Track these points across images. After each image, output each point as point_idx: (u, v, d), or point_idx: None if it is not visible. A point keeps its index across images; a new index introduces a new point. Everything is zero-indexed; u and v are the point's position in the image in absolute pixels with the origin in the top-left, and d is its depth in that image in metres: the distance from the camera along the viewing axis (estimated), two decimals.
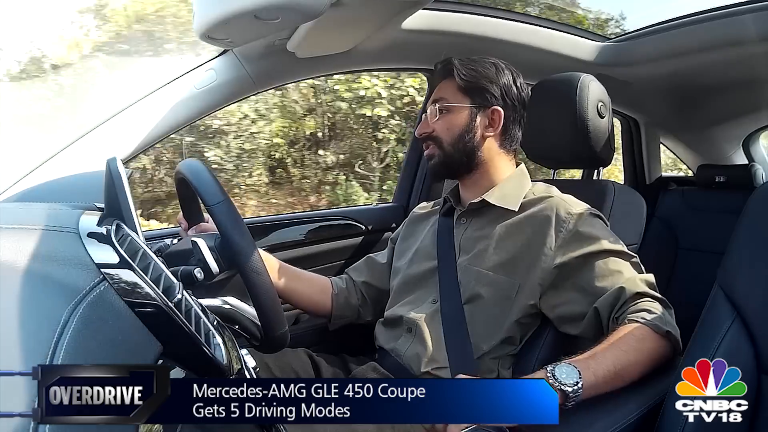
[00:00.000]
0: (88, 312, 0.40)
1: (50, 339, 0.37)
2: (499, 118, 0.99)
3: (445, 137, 1.00)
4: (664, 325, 0.79)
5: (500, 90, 0.99)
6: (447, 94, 1.00)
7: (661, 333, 0.78)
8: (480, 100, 0.99)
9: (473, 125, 0.99)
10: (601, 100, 1.09)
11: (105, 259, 0.44)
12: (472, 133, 0.99)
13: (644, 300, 0.83)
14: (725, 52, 1.45)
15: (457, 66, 0.99)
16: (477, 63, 1.00)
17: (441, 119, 1.00)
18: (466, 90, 0.99)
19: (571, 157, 1.16)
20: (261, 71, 1.18)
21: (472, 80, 0.98)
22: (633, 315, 0.81)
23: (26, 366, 0.35)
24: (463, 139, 0.99)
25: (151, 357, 0.45)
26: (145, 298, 0.45)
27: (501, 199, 0.98)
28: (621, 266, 0.87)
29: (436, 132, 1.00)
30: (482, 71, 0.99)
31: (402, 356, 0.95)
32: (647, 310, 0.81)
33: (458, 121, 0.99)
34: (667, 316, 0.82)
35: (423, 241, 1.05)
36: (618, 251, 0.88)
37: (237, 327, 0.72)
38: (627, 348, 0.77)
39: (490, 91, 0.99)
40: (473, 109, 0.99)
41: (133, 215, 0.54)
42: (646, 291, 0.84)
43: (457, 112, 0.99)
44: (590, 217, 0.92)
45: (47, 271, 0.42)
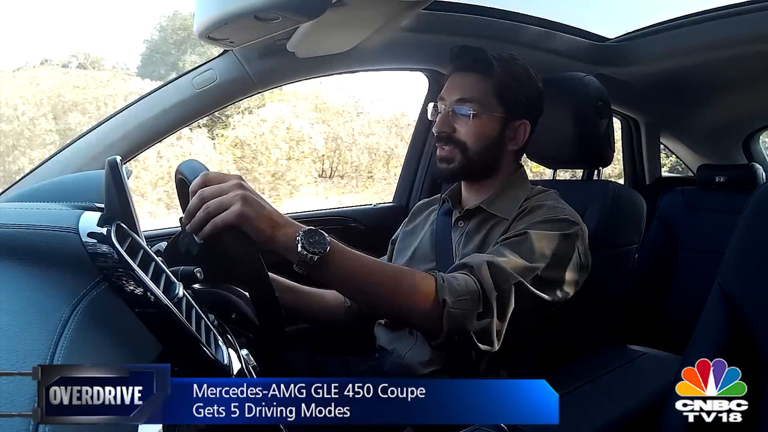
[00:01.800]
0: (88, 312, 0.40)
1: (50, 339, 0.37)
2: (525, 132, 0.95)
3: (471, 144, 0.93)
4: (449, 297, 0.74)
5: (530, 101, 0.94)
6: (479, 96, 0.92)
7: (439, 297, 0.74)
8: (513, 111, 0.93)
9: (503, 137, 0.94)
10: (601, 100, 1.10)
11: (105, 259, 0.44)
12: (500, 143, 0.94)
13: (471, 276, 0.77)
14: (725, 52, 1.46)
15: (497, 67, 0.91)
16: (513, 65, 0.93)
17: (469, 123, 0.92)
18: (501, 96, 0.92)
19: (571, 157, 1.16)
20: (261, 71, 1.18)
21: (507, 86, 0.92)
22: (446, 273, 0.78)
23: (26, 366, 0.35)
24: (489, 150, 0.94)
25: (151, 357, 0.45)
26: (145, 297, 0.45)
27: (498, 207, 0.95)
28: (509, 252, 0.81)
29: (460, 135, 0.93)
30: (519, 78, 0.93)
31: (403, 357, 0.95)
32: (457, 278, 0.76)
33: (489, 130, 0.93)
34: (467, 302, 0.75)
35: (421, 242, 1.04)
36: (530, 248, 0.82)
37: (234, 315, 0.73)
38: (397, 273, 0.76)
39: (523, 102, 0.93)
40: (504, 119, 0.93)
41: (133, 215, 0.54)
42: (483, 275, 0.77)
43: (488, 121, 0.93)
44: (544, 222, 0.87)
45: (47, 271, 0.42)
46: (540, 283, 0.82)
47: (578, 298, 0.93)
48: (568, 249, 0.86)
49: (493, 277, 0.77)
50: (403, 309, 0.75)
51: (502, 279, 0.78)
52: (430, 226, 1.05)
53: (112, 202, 0.53)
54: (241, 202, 0.65)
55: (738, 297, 0.70)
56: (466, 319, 0.75)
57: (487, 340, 0.77)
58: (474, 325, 0.75)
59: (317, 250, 0.68)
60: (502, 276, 0.78)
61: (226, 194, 0.66)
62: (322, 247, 0.69)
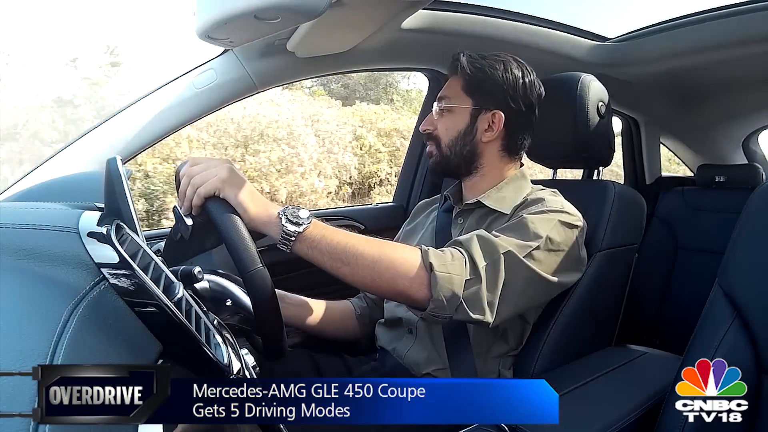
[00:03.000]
0: (88, 312, 0.40)
1: (50, 339, 0.37)
2: (499, 122, 0.95)
3: (443, 138, 0.97)
4: (435, 261, 0.74)
5: (504, 92, 0.94)
6: (451, 93, 0.97)
7: (425, 263, 0.75)
8: (482, 102, 0.95)
9: (473, 128, 0.95)
10: (601, 100, 1.09)
11: (105, 259, 0.44)
12: (471, 135, 0.96)
13: (459, 248, 0.78)
14: (725, 51, 1.45)
15: (463, 63, 0.95)
16: (485, 60, 0.95)
17: (442, 118, 0.97)
18: (469, 90, 0.95)
19: (571, 157, 1.16)
20: (261, 71, 1.18)
21: (475, 80, 0.95)
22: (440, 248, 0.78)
23: (26, 366, 0.35)
24: (460, 142, 0.96)
25: (151, 357, 0.45)
26: (145, 297, 0.45)
27: (496, 202, 0.95)
28: (504, 233, 0.82)
29: (437, 131, 0.98)
30: (488, 70, 0.94)
31: (403, 357, 0.95)
32: (443, 250, 0.78)
33: (457, 123, 0.96)
34: (454, 266, 0.75)
35: (422, 239, 1.05)
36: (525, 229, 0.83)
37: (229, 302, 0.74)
38: (380, 245, 0.75)
39: (493, 93, 0.94)
40: (474, 110, 0.95)
41: (133, 215, 0.54)
42: (472, 246, 0.78)
43: (458, 113, 0.96)
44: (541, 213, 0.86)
45: (47, 271, 0.42)
46: (535, 260, 0.81)
47: (578, 299, 0.93)
48: (567, 236, 0.86)
49: (482, 248, 0.78)
50: (389, 277, 0.74)
51: (491, 249, 0.79)
52: (431, 224, 1.06)
53: (112, 202, 0.53)
54: (224, 172, 0.70)
55: (738, 297, 0.70)
56: (454, 283, 0.74)
57: (478, 309, 0.76)
58: (463, 291, 0.75)
59: (300, 223, 0.71)
60: (491, 246, 0.79)
61: (212, 168, 0.70)
62: (305, 221, 0.71)
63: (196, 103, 1.13)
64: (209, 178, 0.69)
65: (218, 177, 0.69)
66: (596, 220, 1.00)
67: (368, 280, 0.73)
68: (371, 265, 0.73)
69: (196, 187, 0.70)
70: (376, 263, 0.73)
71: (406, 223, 1.15)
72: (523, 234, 0.82)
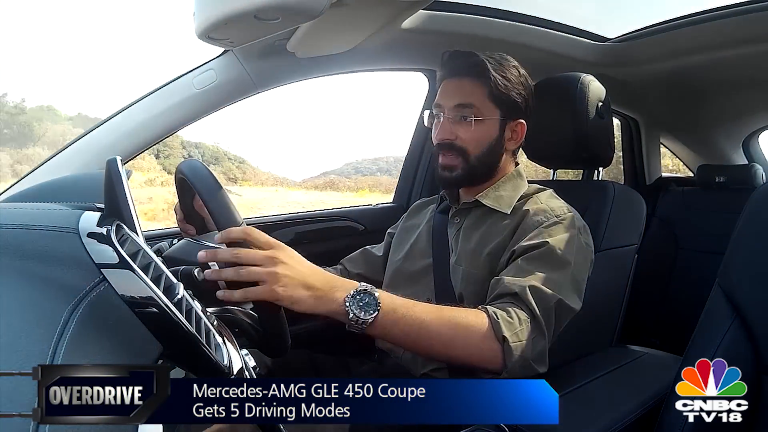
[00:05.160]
0: (88, 312, 0.40)
1: (50, 339, 0.37)
2: (522, 131, 0.96)
3: (473, 149, 0.93)
4: (507, 332, 0.74)
5: (524, 100, 0.95)
6: (476, 101, 0.92)
7: (498, 335, 0.74)
8: (509, 112, 0.94)
9: (501, 138, 0.95)
10: (601, 100, 1.10)
11: (105, 259, 0.44)
12: (499, 146, 0.95)
13: (518, 305, 0.78)
14: (725, 51, 1.46)
15: (492, 72, 0.91)
16: (506, 68, 0.93)
17: (469, 129, 0.92)
18: (497, 99, 0.93)
19: (571, 157, 1.16)
20: (261, 71, 1.18)
21: (503, 88, 0.92)
22: (492, 306, 0.77)
23: (26, 366, 0.35)
24: (490, 153, 0.94)
25: (151, 357, 0.45)
26: (145, 298, 0.45)
27: (494, 201, 0.95)
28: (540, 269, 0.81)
29: (461, 141, 0.93)
30: (513, 79, 0.93)
31: (401, 357, 0.95)
32: (508, 311, 0.76)
33: (489, 134, 0.93)
34: (523, 331, 0.75)
35: (419, 237, 1.04)
36: (557, 259, 0.83)
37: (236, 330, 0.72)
38: (451, 320, 0.72)
39: (518, 103, 0.94)
40: (502, 121, 0.94)
41: (133, 215, 0.54)
42: (530, 302, 0.78)
43: (488, 125, 0.93)
44: (554, 225, 0.87)
45: (47, 271, 0.42)
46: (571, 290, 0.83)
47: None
48: (587, 252, 0.89)
49: (537, 303, 0.78)
50: (464, 356, 0.74)
51: (545, 301, 0.79)
52: (428, 223, 1.05)
53: (112, 203, 0.53)
54: (276, 283, 0.63)
55: (738, 297, 0.70)
56: (526, 348, 0.75)
57: (543, 364, 0.78)
58: (532, 352, 0.76)
59: (369, 312, 0.68)
60: (545, 297, 0.79)
61: (261, 266, 0.63)
62: (373, 309, 0.68)
63: (196, 103, 1.13)
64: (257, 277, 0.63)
65: (267, 289, 0.63)
66: (596, 221, 1.00)
67: (443, 358, 0.76)
68: (445, 345, 0.72)
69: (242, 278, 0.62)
70: (449, 342, 0.72)
71: (404, 218, 1.15)
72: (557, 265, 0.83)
